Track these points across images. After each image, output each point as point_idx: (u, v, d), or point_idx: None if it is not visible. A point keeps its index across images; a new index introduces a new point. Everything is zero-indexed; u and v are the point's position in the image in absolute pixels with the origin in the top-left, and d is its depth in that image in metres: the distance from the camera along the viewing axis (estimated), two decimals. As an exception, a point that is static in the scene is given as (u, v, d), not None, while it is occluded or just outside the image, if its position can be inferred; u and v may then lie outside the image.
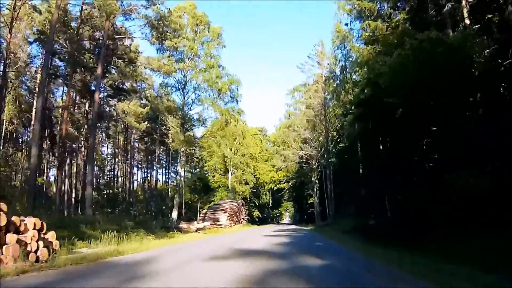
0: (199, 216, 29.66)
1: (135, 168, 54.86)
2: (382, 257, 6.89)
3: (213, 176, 47.04)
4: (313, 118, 30.64)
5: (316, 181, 41.74)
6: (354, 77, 26.00)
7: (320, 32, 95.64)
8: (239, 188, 42.87)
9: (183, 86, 20.94)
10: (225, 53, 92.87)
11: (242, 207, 34.39)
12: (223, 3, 60.85)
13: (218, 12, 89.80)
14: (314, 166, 40.31)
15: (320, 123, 31.56)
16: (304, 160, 34.37)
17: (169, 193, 41.97)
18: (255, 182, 46.96)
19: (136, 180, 55.89)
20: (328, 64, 29.02)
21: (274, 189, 53.15)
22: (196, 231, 19.99)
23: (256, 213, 50.04)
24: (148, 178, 52.59)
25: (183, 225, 20.60)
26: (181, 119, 20.49)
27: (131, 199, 41.48)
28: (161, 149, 45.79)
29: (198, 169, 54.61)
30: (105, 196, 32.88)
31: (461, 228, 8.53)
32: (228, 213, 28.57)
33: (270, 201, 60.41)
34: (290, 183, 50.57)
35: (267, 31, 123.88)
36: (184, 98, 20.73)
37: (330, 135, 32.21)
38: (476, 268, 5.25)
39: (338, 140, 38.11)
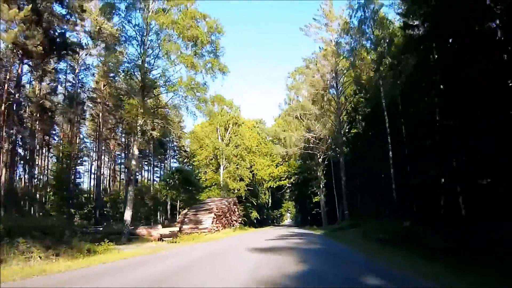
0: (178, 218, 23.51)
1: (120, 166, 49.05)
2: None
3: (205, 173, 41.06)
4: (322, 92, 24.27)
5: (322, 177, 35.64)
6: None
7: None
8: (233, 184, 36.61)
9: (142, 34, 14.79)
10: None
11: (234, 206, 28.16)
12: (223, 3, 55.86)
13: (217, 11, 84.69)
14: (320, 160, 34.27)
15: (331, 100, 25.29)
16: (311, 145, 27.87)
17: (151, 190, 35.96)
18: (251, 179, 40.67)
19: (122, 178, 50.02)
20: (339, 24, 22.80)
21: (274, 186, 46.92)
22: (159, 239, 13.82)
23: (254, 214, 43.77)
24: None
25: (142, 230, 14.45)
26: (140, 82, 14.35)
27: (103, 199, 35.42)
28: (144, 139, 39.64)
29: (189, 166, 48.82)
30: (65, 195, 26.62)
31: None
32: (215, 214, 22.37)
33: (270, 201, 54.49)
34: (292, 179, 44.34)
35: (267, 31, 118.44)
36: (142, 50, 14.56)
37: (341, 117, 25.95)
38: None
39: (349, 127, 32.03)
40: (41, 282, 4.80)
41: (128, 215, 13.67)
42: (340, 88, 25.05)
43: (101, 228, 19.92)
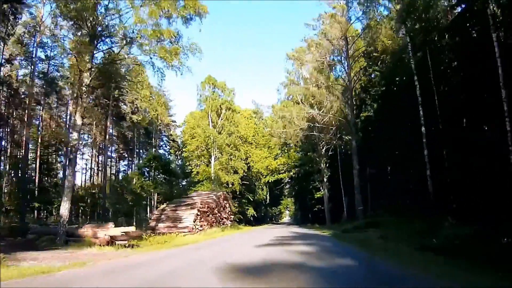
0: (153, 215, 19.54)
1: (104, 158, 44.88)
2: None
3: (197, 166, 37.14)
4: (330, 60, 20.07)
5: (326, 169, 31.79)
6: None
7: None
8: (225, 177, 32.59)
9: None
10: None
11: (225, 201, 24.12)
12: (223, 3, 52.14)
13: (217, 11, 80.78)
14: (323, 151, 30.45)
15: (338, 78, 21.23)
16: (316, 125, 23.67)
17: (130, 185, 31.82)
18: (247, 172, 36.67)
19: (113, 173, 45.88)
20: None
21: (272, 181, 43.00)
22: (109, 243, 9.84)
23: (251, 211, 39.94)
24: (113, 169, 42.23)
25: (87, 230, 10.45)
26: (91, 29, 10.29)
27: (78, 192, 31.46)
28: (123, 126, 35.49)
29: (180, 159, 44.85)
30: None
31: None
32: (199, 210, 18.34)
33: (268, 197, 50.56)
34: (292, 173, 40.40)
35: (267, 31, 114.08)
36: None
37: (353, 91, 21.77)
38: None
39: (357, 111, 28.02)
40: None
41: (64, 208, 9.67)
42: (351, 61, 20.95)
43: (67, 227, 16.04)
